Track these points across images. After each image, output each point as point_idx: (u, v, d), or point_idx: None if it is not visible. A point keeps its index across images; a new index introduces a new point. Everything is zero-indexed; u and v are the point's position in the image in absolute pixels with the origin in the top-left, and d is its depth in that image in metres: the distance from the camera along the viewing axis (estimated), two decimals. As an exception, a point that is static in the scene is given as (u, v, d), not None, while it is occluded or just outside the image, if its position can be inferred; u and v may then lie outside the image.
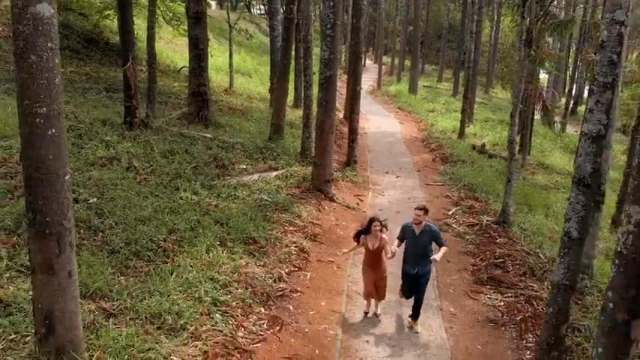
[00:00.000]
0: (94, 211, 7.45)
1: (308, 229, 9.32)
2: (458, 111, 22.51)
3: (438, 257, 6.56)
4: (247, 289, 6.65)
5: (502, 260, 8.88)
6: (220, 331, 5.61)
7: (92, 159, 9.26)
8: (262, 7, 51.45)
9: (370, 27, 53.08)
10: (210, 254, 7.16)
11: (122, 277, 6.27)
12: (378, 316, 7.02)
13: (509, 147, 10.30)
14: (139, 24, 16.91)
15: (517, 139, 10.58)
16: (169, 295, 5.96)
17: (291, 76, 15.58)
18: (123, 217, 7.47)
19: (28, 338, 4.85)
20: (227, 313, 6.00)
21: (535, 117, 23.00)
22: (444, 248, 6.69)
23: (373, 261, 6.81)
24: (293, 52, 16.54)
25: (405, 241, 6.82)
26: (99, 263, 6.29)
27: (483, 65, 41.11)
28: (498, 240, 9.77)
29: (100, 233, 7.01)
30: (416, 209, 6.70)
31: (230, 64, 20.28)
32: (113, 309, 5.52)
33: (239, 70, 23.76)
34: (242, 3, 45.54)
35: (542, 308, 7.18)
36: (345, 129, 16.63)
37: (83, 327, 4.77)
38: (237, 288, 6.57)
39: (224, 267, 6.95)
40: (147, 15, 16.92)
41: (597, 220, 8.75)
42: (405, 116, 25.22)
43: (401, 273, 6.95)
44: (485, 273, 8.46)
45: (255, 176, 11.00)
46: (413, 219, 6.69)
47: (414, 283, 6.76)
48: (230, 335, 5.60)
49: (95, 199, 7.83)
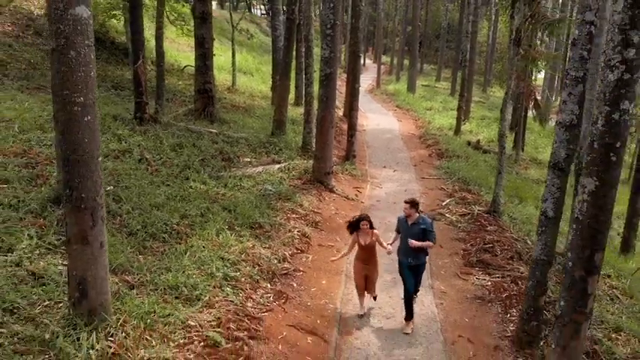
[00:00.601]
0: (112, 198, 8.01)
1: (309, 217, 9.93)
2: (455, 109, 23.04)
3: (416, 242, 6.52)
4: (254, 268, 7.25)
5: (491, 245, 9.47)
6: (231, 302, 6.21)
7: (106, 151, 9.82)
8: (262, 7, 52.08)
9: (370, 27, 53.66)
10: (220, 237, 7.76)
11: (140, 256, 6.85)
12: (369, 312, 7.01)
13: (499, 140, 10.89)
14: (145, 24, 17.42)
15: (507, 134, 11.14)
16: (184, 271, 6.55)
17: (291, 75, 16.16)
18: (138, 203, 8.06)
19: (61, 305, 5.42)
20: (237, 287, 6.60)
21: (532, 115, 23.62)
22: (428, 242, 6.64)
23: (366, 256, 6.90)
24: (294, 52, 17.11)
25: (400, 233, 6.93)
26: (119, 243, 6.86)
27: (481, 65, 41.74)
28: (488, 228, 10.36)
29: (119, 217, 7.59)
30: (404, 202, 6.82)
31: (233, 63, 20.86)
32: (135, 281, 6.10)
33: (241, 69, 24.32)
34: (242, 3, 46.17)
35: (526, 287, 7.76)
36: (345, 126, 17.21)
37: (109, 295, 5.35)
38: (245, 266, 7.17)
39: (233, 248, 7.55)
40: (152, 15, 17.56)
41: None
42: (403, 114, 25.80)
43: (398, 265, 6.98)
44: (475, 257, 9.06)
45: (259, 168, 11.61)
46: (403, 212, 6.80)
47: (407, 273, 6.76)
48: (240, 305, 6.21)
49: (112, 187, 8.39)
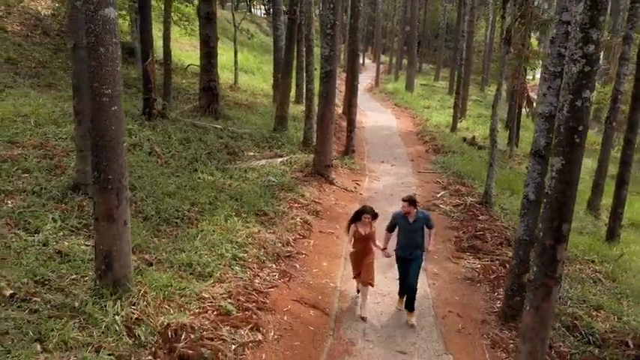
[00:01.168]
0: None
1: (311, 207, 10.51)
2: (452, 107, 23.63)
3: (431, 247, 7.09)
4: (260, 250, 7.83)
5: (482, 233, 10.05)
6: (240, 278, 6.79)
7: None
8: (262, 7, 52.68)
9: (369, 27, 54.24)
10: (228, 222, 8.33)
11: (155, 238, 7.43)
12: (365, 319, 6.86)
13: (490, 135, 11.46)
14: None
15: (499, 129, 11.71)
16: (196, 252, 7.12)
17: (292, 73, 16.74)
18: (152, 192, 8.63)
19: (87, 278, 5.98)
20: (245, 266, 7.18)
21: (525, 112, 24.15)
22: (433, 230, 6.98)
23: (364, 247, 6.94)
24: (295, 51, 17.67)
25: (398, 228, 6.93)
26: (135, 227, 7.41)
27: (479, 64, 42.33)
28: (480, 217, 10.93)
29: (134, 204, 8.14)
30: (402, 200, 6.83)
31: (235, 62, 21.43)
32: (152, 259, 6.68)
33: (242, 68, 24.87)
34: (243, 3, 46.75)
35: (510, 266, 8.32)
36: (344, 123, 17.79)
37: (130, 270, 5.91)
38: (252, 248, 7.75)
39: (240, 232, 8.12)
40: (157, 16, 18.11)
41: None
42: (402, 112, 26.38)
43: (395, 259, 7.05)
44: (466, 243, 9.64)
45: (262, 162, 12.19)
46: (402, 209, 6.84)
47: (408, 266, 6.84)
48: (249, 281, 6.79)
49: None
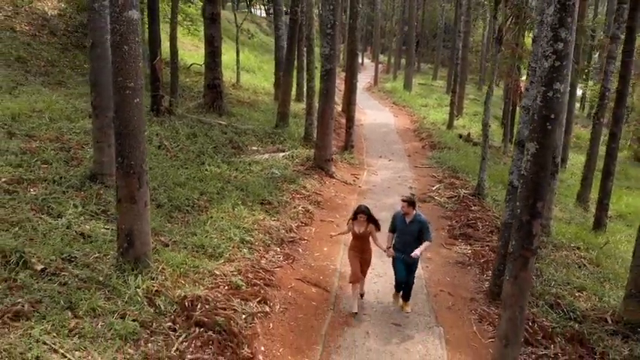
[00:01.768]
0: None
1: (312, 197, 11.10)
2: (449, 105, 24.21)
3: (418, 252, 6.66)
4: (266, 235, 8.42)
5: (474, 222, 10.64)
6: (248, 258, 7.38)
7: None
8: (262, 7, 53.22)
9: (368, 27, 54.88)
10: (235, 210, 8.92)
11: (169, 224, 8.00)
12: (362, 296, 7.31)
13: (483, 129, 12.04)
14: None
15: (490, 124, 12.28)
16: (207, 235, 7.71)
17: (293, 72, 17.31)
18: (163, 182, 9.21)
19: (109, 256, 6.54)
20: (252, 249, 7.77)
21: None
22: (427, 243, 6.84)
23: (360, 245, 7.04)
24: (296, 50, 18.24)
25: (396, 229, 7.00)
26: (150, 213, 7.99)
27: (477, 64, 42.95)
28: (473, 207, 11.53)
29: (147, 192, 8.74)
30: (401, 201, 6.88)
31: (237, 61, 22.00)
32: (168, 241, 7.25)
33: (244, 67, 25.45)
34: (243, 3, 47.30)
35: (497, 248, 8.88)
36: (343, 120, 18.40)
37: (148, 249, 6.48)
38: (258, 233, 8.34)
39: (246, 219, 8.71)
40: (162, 16, 18.67)
41: (553, 188, 10.58)
42: (400, 110, 26.98)
43: (392, 258, 7.12)
44: (458, 231, 10.23)
45: (265, 156, 12.77)
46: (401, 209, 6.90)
47: (402, 265, 6.93)
48: (256, 261, 7.38)
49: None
